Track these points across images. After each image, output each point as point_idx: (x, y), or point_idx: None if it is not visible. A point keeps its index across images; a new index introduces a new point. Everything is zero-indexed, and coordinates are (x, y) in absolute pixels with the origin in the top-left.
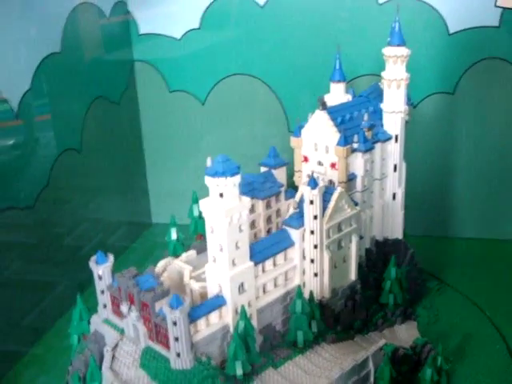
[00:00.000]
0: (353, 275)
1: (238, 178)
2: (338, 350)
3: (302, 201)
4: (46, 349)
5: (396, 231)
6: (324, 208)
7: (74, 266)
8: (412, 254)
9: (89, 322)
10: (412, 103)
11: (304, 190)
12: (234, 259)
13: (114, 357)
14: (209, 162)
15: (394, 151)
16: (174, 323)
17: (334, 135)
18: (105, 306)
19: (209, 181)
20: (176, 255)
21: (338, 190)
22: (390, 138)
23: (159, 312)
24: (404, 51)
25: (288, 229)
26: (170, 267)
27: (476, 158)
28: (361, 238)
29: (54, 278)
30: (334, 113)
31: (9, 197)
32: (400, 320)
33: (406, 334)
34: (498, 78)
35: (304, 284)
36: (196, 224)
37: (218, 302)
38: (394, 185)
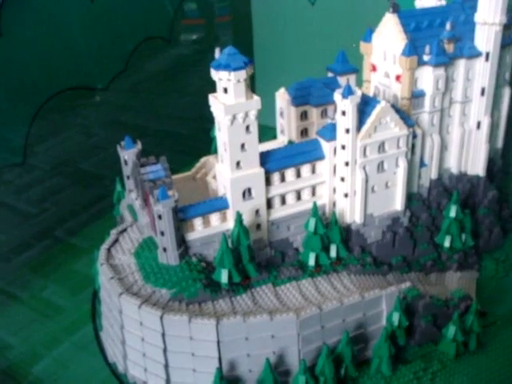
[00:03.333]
0: (398, 205)
1: (243, 74)
2: (356, 283)
3: None
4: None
5: (477, 166)
6: (362, 122)
7: None
8: (494, 196)
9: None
10: None
11: (336, 99)
12: (238, 161)
13: (117, 240)
14: (217, 53)
15: (482, 71)
16: (159, 217)
17: (402, 43)
18: (130, 192)
19: (213, 74)
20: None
21: (382, 103)
22: (478, 55)
23: None
24: None
25: (320, 140)
26: (208, 164)
27: None
28: (423, 165)
29: None
30: (408, 18)
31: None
32: (456, 267)
33: (456, 284)
34: None
35: (334, 204)
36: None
37: (219, 204)
38: (480, 112)
